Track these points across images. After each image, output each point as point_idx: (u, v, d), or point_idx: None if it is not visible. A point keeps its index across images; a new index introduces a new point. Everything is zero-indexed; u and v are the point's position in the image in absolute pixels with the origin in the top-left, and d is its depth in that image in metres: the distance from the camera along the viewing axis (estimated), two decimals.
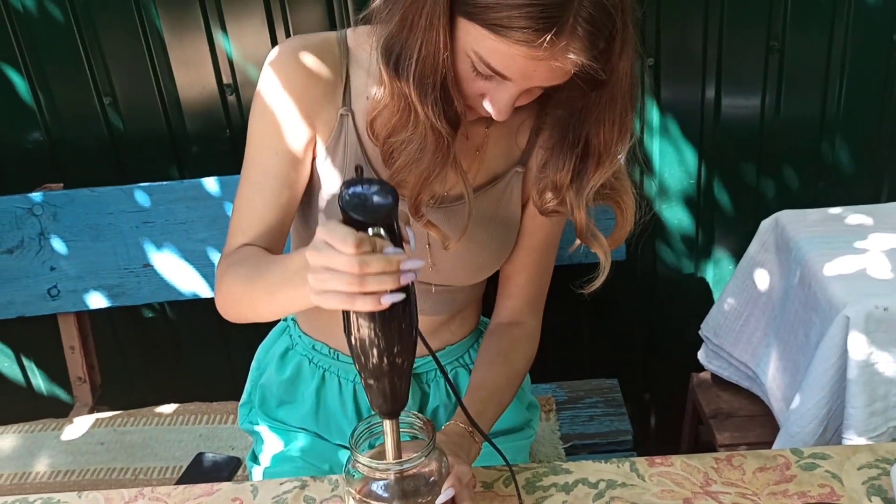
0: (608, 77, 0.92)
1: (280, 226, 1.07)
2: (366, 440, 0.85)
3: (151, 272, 1.69)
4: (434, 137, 0.95)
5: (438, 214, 1.07)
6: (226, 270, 1.04)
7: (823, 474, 0.99)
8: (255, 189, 1.07)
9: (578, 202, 1.02)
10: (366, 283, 0.74)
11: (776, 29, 1.70)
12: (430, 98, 0.93)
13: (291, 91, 1.04)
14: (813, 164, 1.84)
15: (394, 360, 0.78)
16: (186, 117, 1.76)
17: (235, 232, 1.08)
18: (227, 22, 1.67)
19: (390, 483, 0.84)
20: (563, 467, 1.03)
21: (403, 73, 0.92)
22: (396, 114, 0.96)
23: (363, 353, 0.78)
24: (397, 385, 0.80)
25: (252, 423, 1.31)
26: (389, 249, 0.75)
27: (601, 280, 1.05)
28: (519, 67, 0.89)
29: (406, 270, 0.75)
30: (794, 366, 1.50)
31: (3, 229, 1.65)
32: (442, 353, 1.23)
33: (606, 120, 0.97)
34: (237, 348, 1.94)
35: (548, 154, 1.05)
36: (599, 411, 1.64)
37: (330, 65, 1.05)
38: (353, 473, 0.85)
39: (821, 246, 1.48)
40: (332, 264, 0.75)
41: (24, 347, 2.03)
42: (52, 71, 1.71)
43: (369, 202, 0.75)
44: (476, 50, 0.89)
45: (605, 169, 1.00)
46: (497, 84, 0.93)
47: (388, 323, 0.77)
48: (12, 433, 1.66)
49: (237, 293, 1.01)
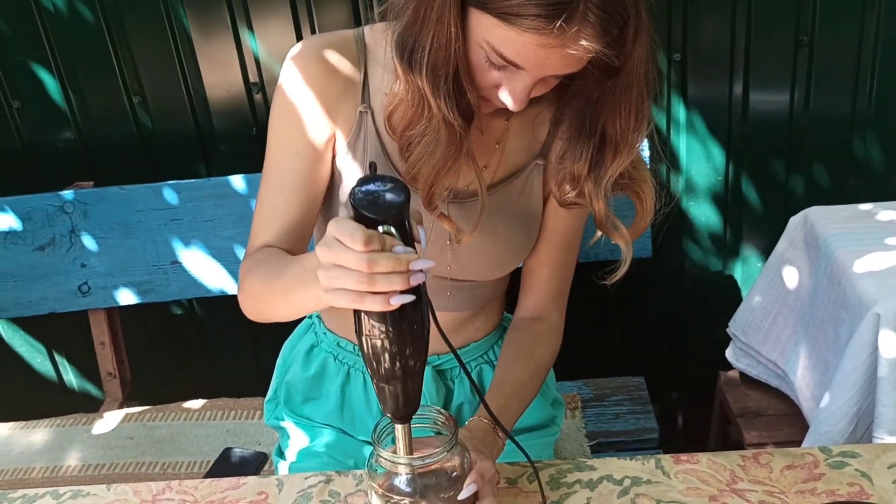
0: (622, 64, 0.91)
1: (302, 225, 1.07)
2: (388, 435, 0.85)
3: (179, 269, 1.71)
4: (447, 130, 0.95)
5: (455, 209, 1.06)
6: (247, 270, 1.04)
7: (853, 473, 0.97)
8: (276, 189, 1.07)
9: (597, 192, 1.01)
10: (375, 281, 0.72)
11: (805, 23, 1.68)
12: (442, 90, 0.93)
13: (311, 90, 1.04)
14: (843, 161, 1.81)
15: (405, 362, 0.77)
16: (214, 116, 1.78)
17: (257, 232, 1.08)
18: (253, 21, 1.68)
19: (412, 478, 0.84)
20: (588, 464, 1.02)
21: (416, 65, 0.93)
22: (412, 107, 0.96)
23: (374, 356, 0.77)
24: (409, 388, 0.79)
25: (278, 419, 1.31)
26: (399, 248, 0.73)
27: (623, 270, 1.04)
28: (531, 56, 0.88)
29: (416, 271, 0.73)
30: (824, 364, 1.48)
31: (35, 227, 1.68)
32: (466, 349, 1.23)
33: (622, 108, 0.96)
34: (264, 345, 1.96)
35: (565, 145, 1.05)
36: (625, 409, 1.63)
37: (348, 63, 1.05)
38: (375, 468, 0.85)
39: (851, 243, 1.45)
40: (342, 261, 0.74)
41: (56, 343, 2.07)
42: (82, 70, 1.74)
43: (380, 199, 0.74)
44: (488, 40, 0.89)
45: (622, 158, 0.99)
46: (511, 74, 0.92)
47: (398, 324, 0.75)
48: (44, 427, 1.69)
49: (257, 293, 1.01)
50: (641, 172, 1.03)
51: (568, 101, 1.06)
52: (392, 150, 1.06)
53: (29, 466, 1.59)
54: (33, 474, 1.57)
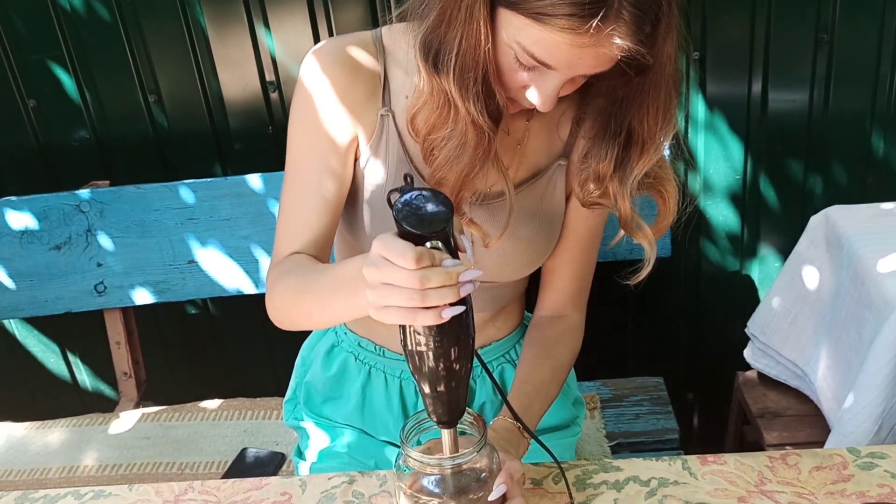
0: (654, 61, 0.89)
1: (327, 231, 1.06)
2: (416, 435, 0.85)
3: (196, 268, 1.71)
4: (475, 133, 0.94)
5: (480, 212, 1.05)
6: (276, 280, 1.03)
7: (882, 474, 0.97)
8: (300, 196, 1.06)
9: (623, 192, 1.00)
10: (427, 297, 0.73)
11: (825, 20, 1.67)
12: (471, 93, 0.91)
13: (331, 94, 1.03)
14: (862, 160, 1.80)
15: (452, 368, 0.78)
16: (230, 114, 1.77)
17: (283, 240, 1.07)
18: (270, 19, 1.68)
19: (442, 478, 0.83)
20: (613, 465, 1.01)
21: (443, 68, 0.91)
22: (436, 110, 0.95)
23: (420, 363, 0.78)
24: (456, 394, 0.79)
25: (297, 419, 1.31)
26: (448, 262, 0.73)
27: (647, 271, 1.03)
28: (564, 56, 0.87)
29: (465, 282, 0.74)
30: (846, 364, 1.47)
31: (51, 226, 1.68)
32: (487, 349, 1.22)
33: (650, 106, 0.95)
34: (280, 344, 1.95)
35: (589, 144, 1.03)
36: (645, 409, 1.62)
37: (368, 65, 1.04)
38: (403, 468, 0.84)
39: (874, 242, 1.44)
40: (392, 280, 0.74)
41: (70, 343, 2.06)
42: (98, 69, 1.74)
43: (426, 214, 0.74)
44: (519, 41, 0.87)
45: (649, 156, 0.98)
46: (540, 74, 0.91)
47: (446, 334, 0.76)
48: (60, 427, 1.69)
49: (288, 303, 1.00)
50: (665, 171, 1.02)
51: (591, 99, 1.04)
52: (415, 154, 1.05)
53: (46, 467, 1.58)
54: (50, 474, 1.57)
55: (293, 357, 1.37)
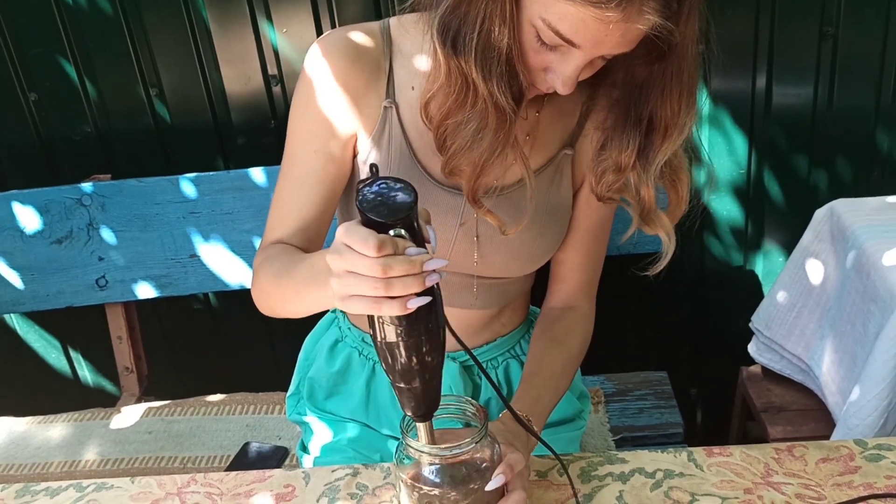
0: (678, 41, 0.88)
1: (318, 222, 1.06)
2: (416, 426, 0.84)
3: (198, 262, 1.70)
4: (497, 115, 0.92)
5: (495, 202, 1.04)
6: (259, 266, 1.03)
7: (890, 466, 0.96)
8: (294, 185, 1.05)
9: (646, 179, 0.99)
10: (390, 286, 0.72)
11: (830, 14, 1.66)
12: (494, 73, 0.89)
13: (333, 85, 1.02)
14: (867, 155, 1.79)
15: (423, 361, 0.77)
16: (232, 108, 1.77)
17: (272, 226, 1.07)
18: (273, 13, 1.67)
19: (441, 468, 0.83)
20: (619, 457, 1.01)
21: (464, 49, 0.89)
22: (452, 94, 0.93)
23: (391, 357, 0.77)
24: (428, 386, 0.78)
25: (301, 414, 1.30)
26: (412, 250, 0.72)
27: (665, 262, 1.02)
28: (590, 32, 0.85)
29: (430, 271, 0.73)
30: (851, 358, 1.46)
31: (52, 220, 1.67)
32: (493, 344, 1.21)
33: (673, 90, 0.93)
34: (283, 339, 1.95)
35: (606, 135, 1.02)
36: (649, 404, 1.62)
37: (373, 56, 1.03)
38: (403, 459, 0.84)
39: (879, 234, 1.44)
40: (355, 268, 0.73)
41: (71, 338, 2.06)
42: (99, 63, 1.73)
43: (389, 201, 0.73)
44: (544, 17, 0.85)
45: (672, 141, 0.96)
46: (562, 55, 0.89)
47: (414, 325, 0.75)
48: (62, 422, 1.68)
49: (268, 289, 1.00)
50: (679, 160, 1.00)
51: (604, 90, 1.03)
52: (419, 147, 1.04)
53: (47, 461, 1.58)
54: (52, 469, 1.56)
55: (296, 351, 1.36)
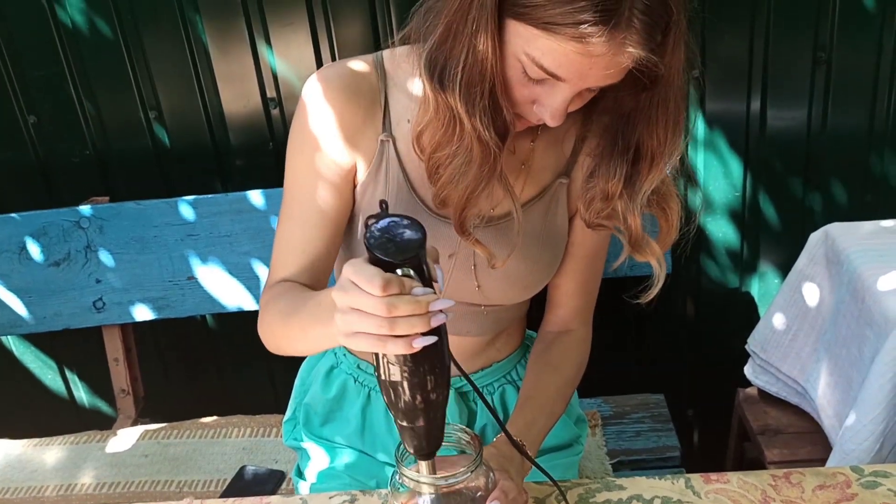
0: (661, 74, 0.88)
1: (322, 259, 1.05)
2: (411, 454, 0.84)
3: (195, 285, 1.70)
4: (481, 150, 0.92)
5: (485, 233, 1.04)
6: (266, 304, 1.03)
7: (886, 493, 0.96)
8: (296, 223, 1.05)
9: (633, 208, 0.99)
10: (395, 325, 0.71)
11: (823, 39, 1.68)
12: (478, 108, 0.90)
13: (330, 121, 1.01)
14: (860, 177, 1.80)
15: (427, 400, 0.76)
16: (230, 131, 1.77)
17: (277, 266, 1.06)
18: (272, 36, 1.68)
19: (436, 497, 0.83)
20: (616, 483, 1.01)
21: (449, 84, 0.89)
22: (441, 128, 0.93)
23: (395, 395, 0.76)
24: (432, 425, 0.78)
25: (297, 439, 1.30)
26: (418, 290, 0.72)
27: (657, 289, 1.02)
28: (574, 66, 0.85)
29: (436, 311, 0.72)
30: (847, 381, 1.47)
31: (50, 242, 1.67)
32: (488, 370, 1.21)
33: (659, 119, 0.94)
34: (280, 362, 1.92)
35: (595, 162, 1.02)
36: (646, 427, 1.62)
37: (368, 91, 1.03)
38: (398, 487, 0.84)
39: (874, 259, 1.44)
40: (360, 305, 0.73)
41: (67, 360, 2.05)
42: (98, 85, 1.74)
43: (397, 240, 0.72)
44: (528, 52, 0.86)
45: (659, 171, 0.97)
46: (549, 87, 0.90)
47: (419, 364, 0.74)
48: (57, 445, 1.67)
49: (274, 327, 1.00)
50: (669, 187, 1.01)
51: (596, 117, 1.04)
52: (415, 179, 1.04)
53: (43, 485, 1.57)
54: (47, 493, 1.55)
55: (293, 374, 1.36)
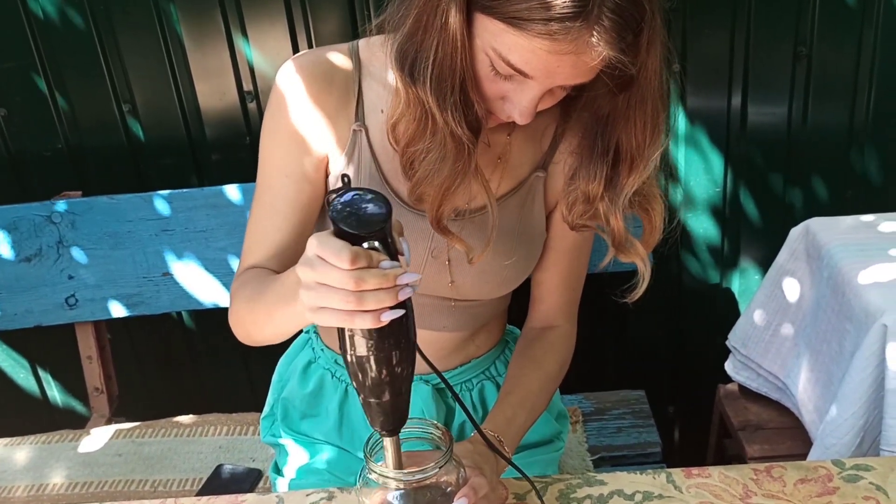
0: (637, 74, 0.87)
1: (292, 247, 1.04)
2: (380, 449, 0.83)
3: (171, 281, 1.67)
4: (454, 145, 0.91)
5: (461, 226, 1.03)
6: (234, 292, 1.02)
7: (867, 486, 0.96)
8: (266, 211, 1.04)
9: (614, 210, 0.98)
10: (363, 300, 0.70)
11: (804, 34, 1.68)
12: (448, 102, 0.88)
13: (306, 106, 1.01)
14: (841, 173, 1.81)
15: (393, 374, 0.76)
16: (206, 125, 1.75)
17: (247, 253, 1.06)
18: (248, 28, 1.66)
19: (405, 493, 0.82)
20: (597, 479, 1.00)
21: (419, 77, 0.88)
22: (413, 122, 0.92)
23: (361, 371, 0.76)
24: (398, 401, 0.77)
25: (275, 436, 1.28)
26: (386, 263, 0.71)
27: (643, 288, 1.02)
28: (541, 64, 0.84)
29: (403, 285, 0.71)
30: (827, 376, 1.47)
31: (21, 237, 1.64)
32: (467, 366, 1.20)
33: (637, 121, 0.93)
34: (257, 359, 1.92)
35: (576, 163, 1.01)
36: (627, 423, 1.61)
37: (342, 79, 1.02)
38: (368, 482, 0.83)
39: (854, 253, 1.44)
40: (327, 280, 0.71)
41: (40, 358, 2.02)
42: (70, 78, 1.71)
43: (363, 214, 0.71)
44: (495, 47, 0.85)
45: (639, 173, 0.96)
46: (518, 84, 0.88)
47: (385, 338, 0.74)
48: (28, 444, 1.64)
49: (242, 314, 0.99)
50: (652, 188, 1.00)
51: (576, 113, 1.02)
52: (388, 170, 1.03)
53: (12, 485, 1.54)
54: (17, 493, 1.52)
55: (270, 372, 1.34)
